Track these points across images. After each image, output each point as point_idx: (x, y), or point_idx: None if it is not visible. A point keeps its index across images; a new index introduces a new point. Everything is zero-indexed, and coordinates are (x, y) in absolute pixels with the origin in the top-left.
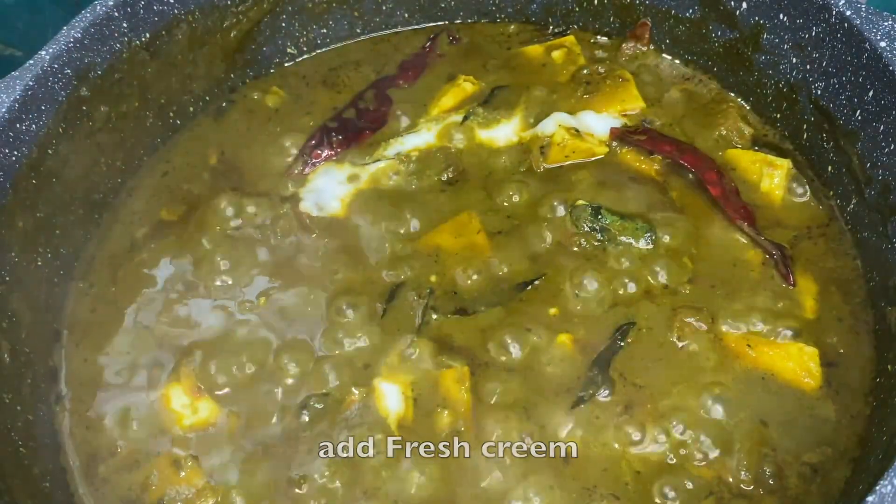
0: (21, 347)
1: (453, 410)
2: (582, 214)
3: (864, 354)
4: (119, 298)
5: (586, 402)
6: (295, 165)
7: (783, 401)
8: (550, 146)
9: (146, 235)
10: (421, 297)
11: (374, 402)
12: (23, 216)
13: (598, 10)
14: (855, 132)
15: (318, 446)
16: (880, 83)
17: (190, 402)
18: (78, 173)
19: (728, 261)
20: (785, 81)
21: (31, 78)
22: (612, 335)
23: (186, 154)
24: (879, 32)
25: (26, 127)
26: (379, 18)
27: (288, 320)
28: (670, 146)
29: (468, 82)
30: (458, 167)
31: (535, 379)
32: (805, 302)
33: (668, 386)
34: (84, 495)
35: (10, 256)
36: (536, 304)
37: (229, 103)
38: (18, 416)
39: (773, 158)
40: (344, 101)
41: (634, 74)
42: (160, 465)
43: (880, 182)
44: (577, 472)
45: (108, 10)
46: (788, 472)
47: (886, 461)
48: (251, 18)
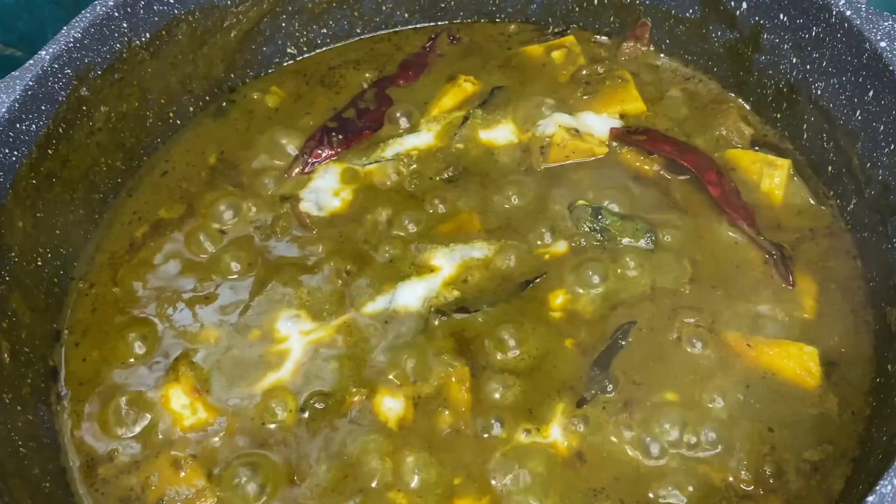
0: (21, 347)
1: (454, 410)
2: (582, 214)
3: (864, 354)
4: (119, 298)
5: (588, 402)
6: (295, 165)
7: (783, 400)
8: (550, 146)
9: (146, 235)
10: (422, 296)
11: (374, 402)
12: (23, 216)
13: (598, 10)
14: (855, 132)
15: (318, 446)
16: (880, 83)
17: (189, 403)
18: (78, 173)
19: (728, 261)
20: (785, 81)
21: (31, 78)
22: (613, 335)
23: (186, 154)
24: (879, 32)
25: (26, 127)
26: (379, 18)
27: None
28: (670, 146)
29: (468, 82)
30: (458, 167)
31: (535, 378)
32: (805, 302)
33: (668, 385)
34: (84, 495)
35: (10, 256)
36: (537, 303)
37: (229, 103)
38: (18, 416)
39: (773, 158)
40: (344, 101)
41: (634, 74)
42: (160, 465)
43: (880, 182)
44: (579, 473)
45: (108, 10)
46: (788, 471)
47: (886, 461)
48: (251, 18)
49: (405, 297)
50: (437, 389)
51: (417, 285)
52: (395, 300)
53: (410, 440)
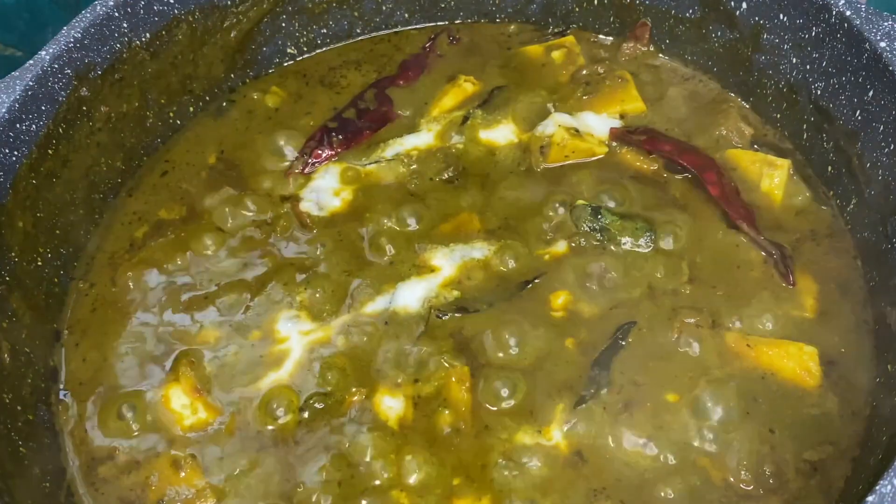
0: (21, 347)
1: (454, 410)
2: (582, 214)
3: (864, 354)
4: (119, 298)
5: (588, 402)
6: (295, 165)
7: (783, 400)
8: (550, 146)
9: (146, 235)
10: (422, 296)
11: (374, 401)
12: (23, 216)
13: (598, 10)
14: (855, 132)
15: (318, 446)
16: (880, 83)
17: (189, 403)
18: (78, 173)
19: (728, 261)
20: (785, 81)
21: (31, 78)
22: (612, 335)
23: (186, 154)
24: (879, 32)
25: (26, 127)
26: (379, 18)
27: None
28: (670, 146)
29: (468, 82)
30: (459, 167)
31: (535, 378)
32: (805, 301)
33: (668, 385)
34: (84, 495)
35: (10, 256)
36: (537, 303)
37: (229, 103)
38: (18, 416)
39: (773, 158)
40: (344, 101)
41: (634, 74)
42: (160, 465)
43: (880, 182)
44: (580, 473)
45: (108, 10)
46: (788, 471)
47: (886, 461)
48: (251, 18)
49: (405, 297)
50: (437, 389)
51: (417, 285)
52: (395, 300)
53: (410, 440)
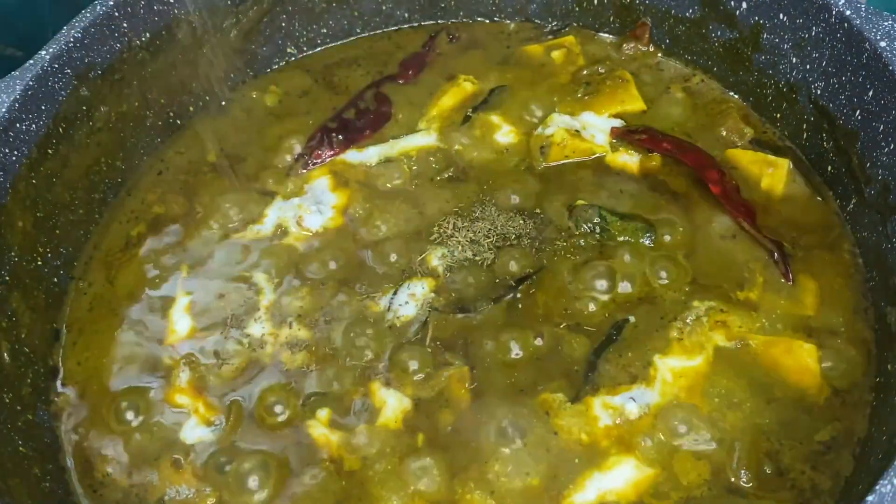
0: (21, 347)
1: (454, 409)
2: (582, 214)
3: (865, 353)
4: (116, 297)
5: (588, 400)
6: (295, 165)
7: (783, 398)
8: (550, 146)
9: (143, 234)
10: (422, 296)
11: (374, 401)
12: (23, 216)
13: (598, 10)
14: (855, 132)
15: (318, 445)
16: (880, 83)
17: (189, 402)
18: (78, 173)
19: (728, 259)
20: (785, 81)
21: (31, 78)
22: (610, 333)
23: (186, 153)
24: (879, 32)
25: (26, 127)
26: (378, 18)
27: (287, 319)
28: (670, 144)
29: (468, 82)
30: (458, 167)
31: (535, 375)
32: (805, 300)
33: (668, 385)
34: (83, 495)
35: (10, 256)
36: (536, 302)
37: (229, 102)
38: (18, 416)
39: (773, 158)
40: (343, 100)
41: (634, 74)
42: (160, 465)
43: (880, 182)
44: (580, 471)
45: (108, 10)
46: (788, 470)
47: (886, 461)
48: (251, 18)
49: (405, 297)
50: (437, 389)
51: (417, 285)
52: (395, 300)
53: (410, 439)
